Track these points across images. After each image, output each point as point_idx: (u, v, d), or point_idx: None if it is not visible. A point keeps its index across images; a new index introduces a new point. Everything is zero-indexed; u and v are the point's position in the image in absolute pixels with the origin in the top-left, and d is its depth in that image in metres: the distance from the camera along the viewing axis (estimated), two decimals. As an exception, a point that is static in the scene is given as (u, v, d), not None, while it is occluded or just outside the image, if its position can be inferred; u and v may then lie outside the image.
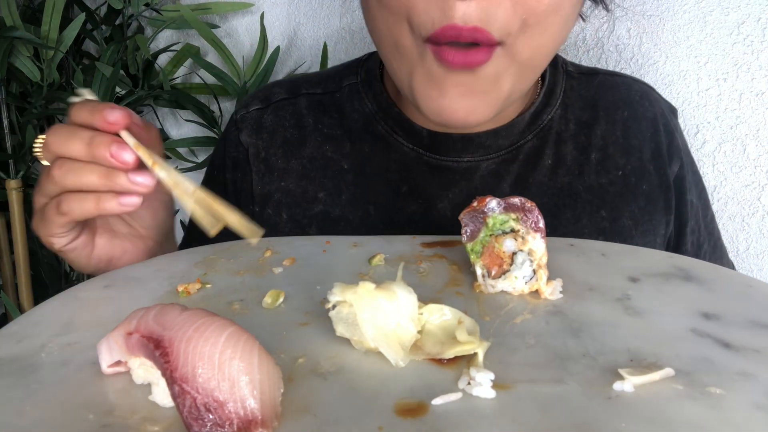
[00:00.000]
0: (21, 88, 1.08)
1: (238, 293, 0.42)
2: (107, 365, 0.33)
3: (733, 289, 0.42)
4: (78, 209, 0.45)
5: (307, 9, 1.07)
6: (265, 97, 0.66)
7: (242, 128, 0.65)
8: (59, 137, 0.44)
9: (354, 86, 0.65)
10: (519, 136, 0.61)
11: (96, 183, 0.44)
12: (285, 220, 0.62)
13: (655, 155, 0.63)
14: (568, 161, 0.61)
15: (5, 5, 0.97)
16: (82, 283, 0.45)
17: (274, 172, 0.63)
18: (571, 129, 0.62)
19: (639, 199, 0.61)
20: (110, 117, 0.43)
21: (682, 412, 0.30)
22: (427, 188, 0.61)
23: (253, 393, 0.28)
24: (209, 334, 0.29)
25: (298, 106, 0.65)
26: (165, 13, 1.08)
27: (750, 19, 0.77)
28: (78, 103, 0.45)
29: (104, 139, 0.43)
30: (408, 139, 0.61)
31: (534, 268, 0.41)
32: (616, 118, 0.63)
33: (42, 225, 0.48)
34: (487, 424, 0.29)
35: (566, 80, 0.64)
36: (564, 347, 0.35)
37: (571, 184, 0.61)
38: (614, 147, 0.62)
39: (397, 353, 0.34)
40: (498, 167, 0.61)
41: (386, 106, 0.62)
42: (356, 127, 0.63)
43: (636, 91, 0.65)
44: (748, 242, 0.83)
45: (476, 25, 0.45)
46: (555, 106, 0.62)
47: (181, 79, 1.18)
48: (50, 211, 0.46)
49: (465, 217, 0.43)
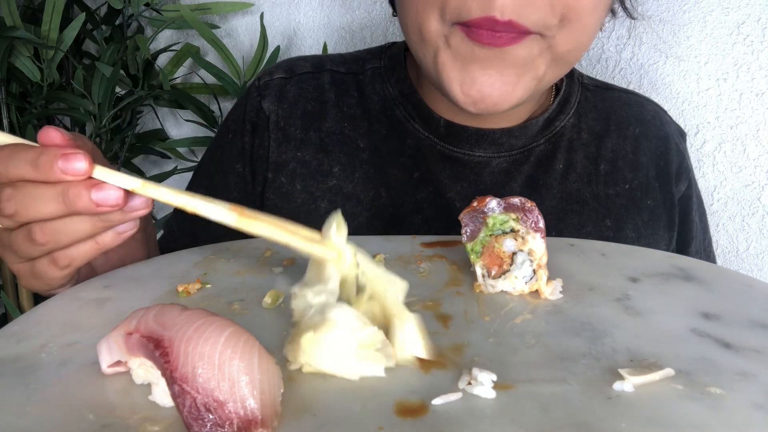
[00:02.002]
0: (21, 88, 1.08)
1: (238, 293, 0.42)
2: (107, 365, 0.33)
3: (733, 289, 0.42)
4: (79, 257, 0.40)
5: (307, 9, 1.07)
6: (289, 68, 0.67)
7: (265, 95, 0.65)
8: (18, 203, 0.38)
9: (377, 70, 0.66)
10: (532, 139, 0.62)
11: (91, 230, 0.39)
12: (298, 191, 0.62)
13: (661, 174, 0.64)
14: (578, 169, 0.63)
15: (5, 5, 0.97)
16: (82, 283, 0.45)
17: (292, 141, 0.63)
18: (583, 138, 0.64)
19: (643, 214, 0.62)
20: (72, 167, 0.36)
21: (682, 412, 0.30)
22: (438, 177, 0.62)
23: (253, 393, 0.28)
24: (209, 334, 0.29)
25: (321, 81, 0.66)
26: (165, 13, 1.08)
27: (750, 19, 0.77)
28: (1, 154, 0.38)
29: (79, 191, 0.37)
30: (424, 126, 0.62)
31: (534, 268, 0.41)
32: (628, 133, 0.65)
33: (36, 283, 0.43)
34: (487, 424, 0.29)
35: (581, 91, 0.66)
36: (564, 347, 0.35)
37: (579, 190, 0.62)
38: (623, 161, 0.63)
39: (378, 362, 0.33)
40: (509, 166, 0.62)
41: (408, 93, 0.63)
42: (375, 109, 0.64)
43: (649, 111, 0.67)
44: (748, 242, 0.83)
45: (512, 19, 0.47)
46: (569, 114, 0.64)
47: (181, 79, 1.18)
48: (46, 269, 0.41)
49: (465, 217, 0.43)
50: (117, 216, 0.38)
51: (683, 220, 0.66)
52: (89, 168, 0.37)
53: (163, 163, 1.25)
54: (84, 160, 0.36)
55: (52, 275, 0.42)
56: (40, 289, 0.44)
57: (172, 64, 1.14)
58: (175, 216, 0.71)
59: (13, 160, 0.38)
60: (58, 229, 0.38)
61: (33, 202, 0.37)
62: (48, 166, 0.36)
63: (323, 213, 0.61)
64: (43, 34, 1.01)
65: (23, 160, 0.37)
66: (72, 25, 1.03)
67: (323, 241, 0.37)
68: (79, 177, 0.37)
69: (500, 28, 0.47)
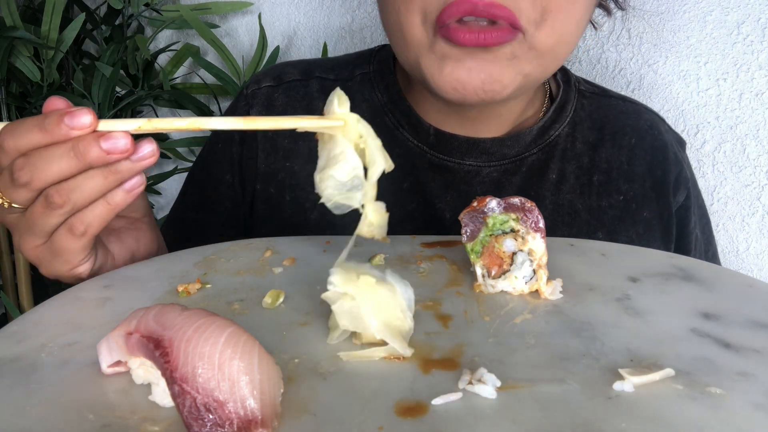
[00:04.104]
0: (21, 88, 1.08)
1: (238, 293, 0.42)
2: (107, 365, 0.33)
3: (733, 289, 0.42)
4: (95, 221, 0.41)
5: (307, 9, 1.07)
6: (277, 76, 0.66)
7: (253, 104, 0.64)
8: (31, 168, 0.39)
9: (366, 75, 0.65)
10: (524, 148, 0.61)
11: (103, 184, 0.40)
12: (288, 202, 0.62)
13: (658, 184, 0.63)
14: (571, 179, 0.61)
15: (5, 5, 0.97)
16: (82, 283, 0.45)
17: (280, 151, 0.63)
18: (577, 148, 0.62)
19: (638, 226, 0.61)
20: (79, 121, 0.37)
21: (682, 412, 0.30)
22: (428, 187, 0.61)
23: (253, 393, 0.28)
24: (209, 334, 0.29)
25: (310, 89, 0.65)
26: (165, 13, 1.08)
27: (750, 19, 0.77)
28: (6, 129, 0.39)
29: (88, 142, 0.38)
30: (413, 134, 0.61)
31: (534, 268, 0.41)
32: (623, 143, 0.63)
33: (58, 263, 0.44)
34: (487, 424, 0.29)
35: (578, 99, 0.64)
36: (564, 347, 0.35)
37: (572, 202, 0.61)
38: (618, 172, 0.62)
39: (401, 343, 0.34)
40: (500, 176, 0.61)
41: (396, 99, 0.62)
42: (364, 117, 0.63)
43: (646, 120, 0.65)
44: (748, 242, 0.83)
45: (493, 1, 0.46)
46: (564, 123, 0.62)
47: (181, 79, 1.18)
48: (64, 241, 0.42)
49: (465, 217, 0.43)
50: (126, 166, 0.39)
51: (681, 232, 0.64)
52: (94, 121, 0.38)
53: (163, 163, 1.25)
54: (89, 114, 0.38)
55: (71, 247, 0.42)
56: (61, 270, 0.44)
57: (172, 64, 1.14)
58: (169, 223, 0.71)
59: (20, 129, 0.39)
60: (72, 188, 0.39)
61: (46, 164, 0.38)
62: (54, 125, 0.38)
63: (313, 225, 0.61)
64: (43, 34, 1.01)
65: (29, 126, 0.39)
66: (72, 25, 1.03)
67: (327, 115, 0.39)
68: (86, 130, 0.38)
69: (481, 11, 0.46)
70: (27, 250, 0.44)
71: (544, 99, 0.64)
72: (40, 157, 0.38)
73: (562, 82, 0.64)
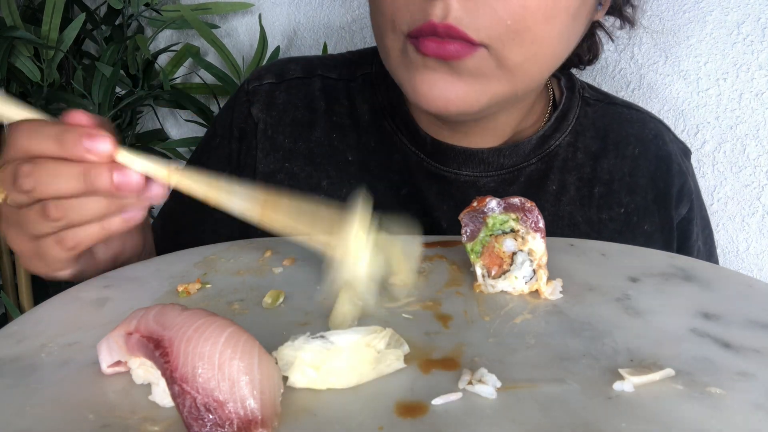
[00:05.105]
0: (21, 88, 1.08)
1: (238, 293, 0.42)
2: (107, 365, 0.33)
3: (733, 289, 0.42)
4: (86, 239, 0.41)
5: (307, 9, 1.07)
6: (279, 72, 0.65)
7: (254, 101, 0.63)
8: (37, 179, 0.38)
9: (367, 77, 0.64)
10: (523, 158, 0.60)
11: (103, 210, 0.39)
12: None
13: (660, 196, 0.61)
14: (571, 191, 0.60)
15: (5, 5, 0.97)
16: (82, 283, 0.45)
17: (280, 151, 0.62)
18: (578, 158, 0.61)
19: (639, 239, 0.60)
20: (98, 147, 0.37)
21: (682, 412, 0.30)
22: (425, 195, 0.60)
23: (253, 393, 0.28)
24: (209, 334, 0.29)
25: (312, 87, 0.64)
26: (165, 13, 1.08)
27: (750, 19, 0.77)
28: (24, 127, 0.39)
29: (100, 171, 0.37)
30: (411, 141, 0.61)
31: (534, 268, 0.41)
32: (626, 153, 0.62)
33: (38, 264, 0.43)
34: (487, 424, 0.29)
35: (581, 107, 0.63)
36: (564, 347, 0.35)
37: (572, 214, 0.60)
38: (620, 183, 0.61)
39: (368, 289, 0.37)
40: (497, 186, 0.60)
41: (396, 103, 0.61)
42: (365, 119, 0.62)
43: (650, 129, 0.64)
44: (748, 242, 0.83)
45: (450, 23, 0.45)
46: (565, 132, 0.61)
47: (181, 79, 1.18)
48: (52, 249, 0.41)
49: (465, 217, 0.43)
50: (131, 199, 0.39)
51: (682, 245, 0.63)
52: (113, 150, 0.38)
53: (163, 163, 1.25)
54: (109, 142, 0.37)
55: (56, 256, 0.41)
56: (40, 271, 0.44)
57: (172, 64, 1.14)
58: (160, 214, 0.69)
59: (37, 135, 0.38)
60: (72, 207, 0.39)
61: (53, 180, 0.38)
62: (73, 143, 0.37)
63: None
64: (43, 34, 1.01)
65: (47, 134, 0.38)
66: (72, 25, 1.03)
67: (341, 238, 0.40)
68: (103, 158, 0.37)
69: (441, 32, 0.46)
70: (10, 239, 0.43)
71: (546, 106, 0.62)
72: (48, 171, 0.38)
73: (566, 89, 0.62)
